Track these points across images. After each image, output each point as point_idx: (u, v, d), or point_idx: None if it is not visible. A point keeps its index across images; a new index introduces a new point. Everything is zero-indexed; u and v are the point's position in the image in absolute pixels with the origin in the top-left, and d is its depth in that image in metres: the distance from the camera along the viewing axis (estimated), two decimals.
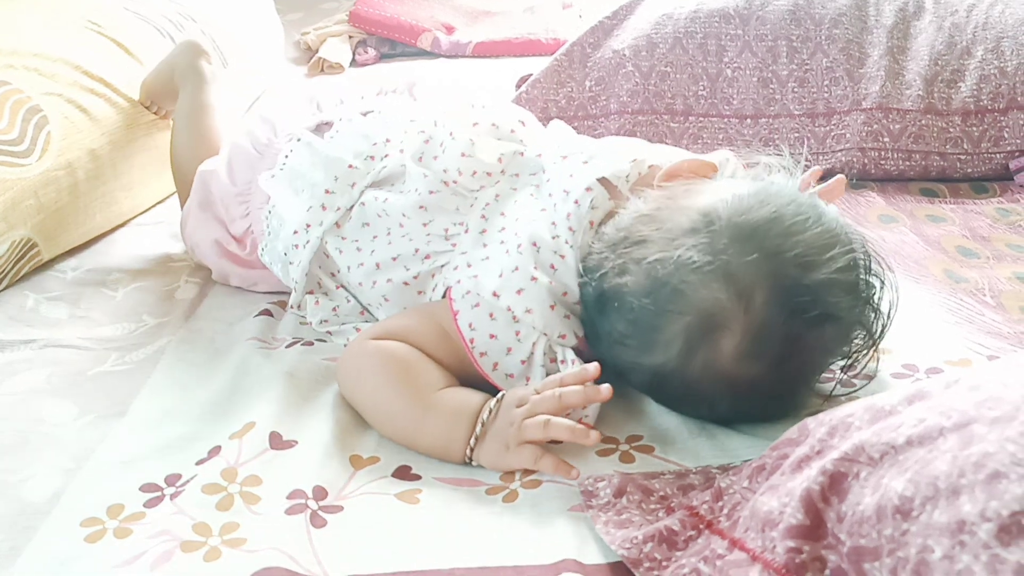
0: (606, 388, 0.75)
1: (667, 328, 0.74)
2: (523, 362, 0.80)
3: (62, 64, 1.20)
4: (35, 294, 1.06)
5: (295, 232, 0.94)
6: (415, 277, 0.88)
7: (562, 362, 0.80)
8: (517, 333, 0.80)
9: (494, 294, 0.80)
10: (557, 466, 0.73)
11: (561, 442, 0.75)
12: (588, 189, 0.82)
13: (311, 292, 0.96)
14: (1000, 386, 0.53)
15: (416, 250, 0.88)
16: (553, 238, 0.81)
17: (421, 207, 0.88)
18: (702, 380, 0.74)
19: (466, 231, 0.87)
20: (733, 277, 0.72)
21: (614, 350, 0.78)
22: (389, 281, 0.89)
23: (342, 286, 0.95)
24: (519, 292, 0.80)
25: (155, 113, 1.28)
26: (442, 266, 0.87)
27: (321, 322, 0.95)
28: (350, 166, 0.94)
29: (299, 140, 1.00)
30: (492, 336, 0.80)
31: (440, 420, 0.77)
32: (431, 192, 0.88)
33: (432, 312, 0.85)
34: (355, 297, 0.95)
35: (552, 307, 0.80)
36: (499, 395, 0.77)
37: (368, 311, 0.95)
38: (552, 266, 0.81)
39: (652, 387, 0.79)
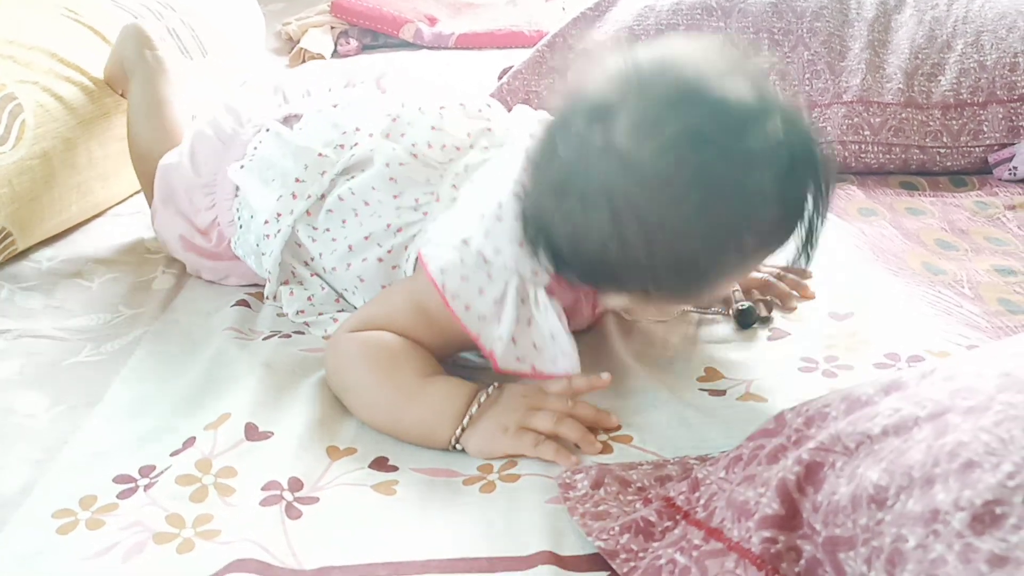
0: (615, 419, 0.77)
1: (573, 125, 0.71)
2: (496, 303, 0.79)
3: (37, 52, 1.18)
4: (9, 284, 1.05)
5: (266, 222, 0.94)
6: (389, 251, 0.88)
7: (535, 303, 0.78)
8: (489, 275, 0.79)
9: (464, 241, 0.79)
10: (558, 452, 0.73)
11: None
12: None
13: (286, 283, 0.96)
14: (974, 376, 0.53)
15: (388, 225, 0.88)
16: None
17: (391, 179, 0.88)
18: (603, 171, 0.70)
19: (437, 200, 0.87)
20: (636, 78, 0.70)
21: (560, 220, 0.73)
22: (364, 261, 0.89)
23: (316, 274, 0.95)
24: (486, 235, 0.78)
25: (122, 96, 1.26)
26: (414, 236, 0.87)
27: (297, 312, 0.94)
28: (320, 154, 0.93)
29: (268, 131, 0.99)
30: (463, 278, 0.79)
31: (428, 403, 0.76)
32: (400, 164, 0.88)
33: (409, 291, 0.84)
34: (329, 284, 0.94)
35: (521, 244, 0.77)
36: (496, 382, 0.77)
37: (343, 298, 0.94)
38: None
39: (587, 232, 0.72)
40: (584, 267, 0.76)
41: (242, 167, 0.98)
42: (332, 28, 1.97)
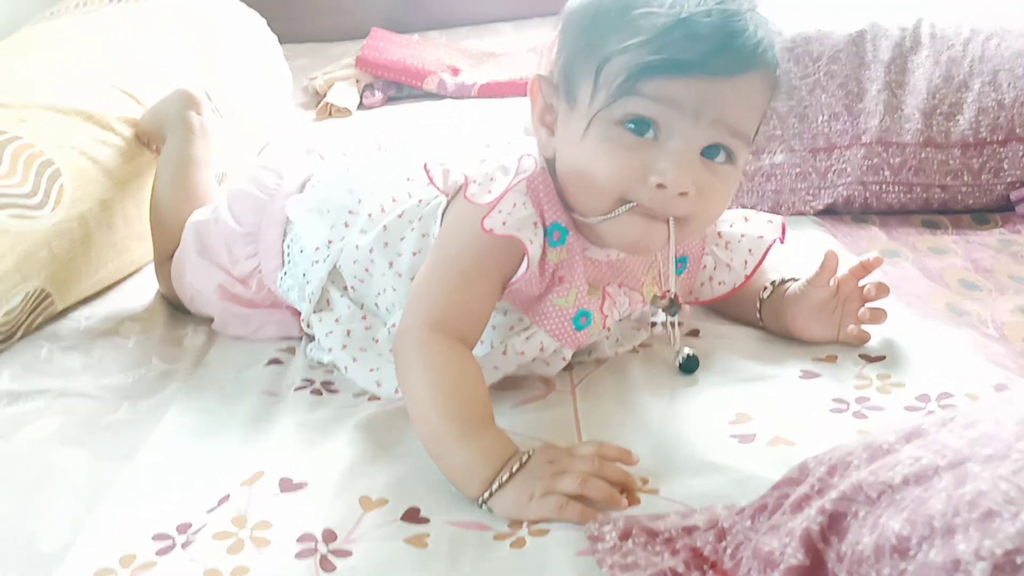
0: (639, 483, 0.77)
1: None
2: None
3: (74, 116, 1.22)
4: (49, 343, 1.08)
5: (317, 248, 0.99)
6: (420, 219, 0.92)
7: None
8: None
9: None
10: (583, 514, 0.73)
11: None
12: None
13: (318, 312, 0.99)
14: (993, 424, 0.53)
15: (419, 201, 0.93)
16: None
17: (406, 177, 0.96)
18: None
19: None
20: None
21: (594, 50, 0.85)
22: (403, 240, 0.93)
23: (346, 292, 0.98)
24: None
25: (149, 148, 1.30)
26: (440, 203, 0.91)
27: (327, 335, 0.96)
28: (372, 191, 0.98)
29: (324, 168, 1.05)
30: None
31: (465, 457, 0.77)
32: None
33: (441, 248, 0.87)
34: (358, 301, 0.98)
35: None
36: (531, 449, 0.78)
37: (371, 314, 0.97)
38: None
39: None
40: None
41: (299, 199, 1.04)
42: (357, 81, 2.01)
